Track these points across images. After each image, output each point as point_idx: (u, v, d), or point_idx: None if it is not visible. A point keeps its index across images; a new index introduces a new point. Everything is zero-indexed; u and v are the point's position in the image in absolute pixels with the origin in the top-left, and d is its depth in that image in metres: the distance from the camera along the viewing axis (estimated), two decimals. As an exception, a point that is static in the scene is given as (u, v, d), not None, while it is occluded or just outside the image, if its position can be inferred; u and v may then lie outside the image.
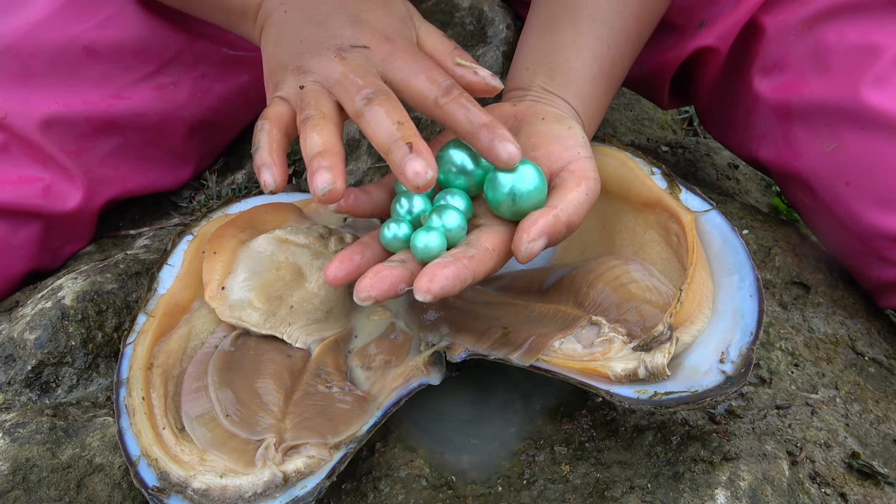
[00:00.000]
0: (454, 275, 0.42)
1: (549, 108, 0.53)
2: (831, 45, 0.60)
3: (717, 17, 0.65)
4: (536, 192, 0.46)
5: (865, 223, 0.59)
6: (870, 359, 0.61)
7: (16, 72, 0.64)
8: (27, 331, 0.55)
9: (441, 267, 0.42)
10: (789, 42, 0.62)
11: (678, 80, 0.71)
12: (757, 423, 0.50)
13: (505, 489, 0.47)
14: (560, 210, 0.45)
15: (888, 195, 0.58)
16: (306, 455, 0.45)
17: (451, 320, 0.50)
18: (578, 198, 0.46)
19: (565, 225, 0.46)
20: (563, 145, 0.49)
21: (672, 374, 0.44)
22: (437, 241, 0.45)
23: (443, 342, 0.49)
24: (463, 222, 0.46)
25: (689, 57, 0.67)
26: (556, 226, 0.45)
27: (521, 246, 0.44)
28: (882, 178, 0.58)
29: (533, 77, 0.56)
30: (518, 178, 0.45)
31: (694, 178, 0.84)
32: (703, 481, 0.44)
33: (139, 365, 0.50)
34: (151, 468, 0.45)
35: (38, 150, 0.65)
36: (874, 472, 0.49)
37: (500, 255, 0.46)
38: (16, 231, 0.65)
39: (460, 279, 0.42)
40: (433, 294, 0.41)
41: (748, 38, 0.65)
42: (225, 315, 0.52)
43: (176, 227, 0.71)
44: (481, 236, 0.46)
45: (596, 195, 0.48)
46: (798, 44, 0.61)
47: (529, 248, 0.44)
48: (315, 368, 0.50)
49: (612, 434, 0.49)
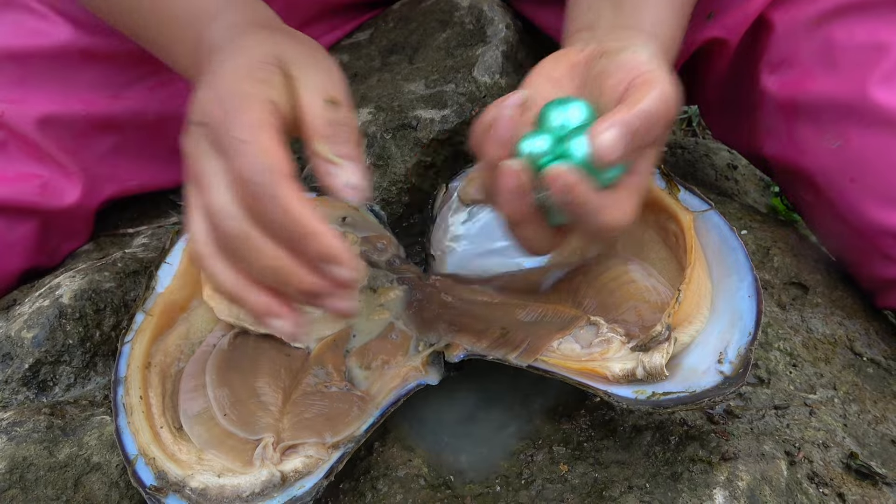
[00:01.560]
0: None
1: (617, 45, 0.48)
2: (840, 43, 0.60)
3: (725, 9, 0.65)
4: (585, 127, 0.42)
5: (869, 220, 0.59)
6: (868, 359, 0.61)
7: (13, 73, 0.64)
8: (25, 329, 0.55)
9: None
10: (798, 39, 0.62)
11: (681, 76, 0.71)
12: (755, 423, 0.50)
13: (503, 489, 0.47)
14: (628, 106, 0.41)
15: (893, 192, 0.58)
16: (304, 455, 0.45)
17: (449, 320, 0.50)
18: (647, 101, 0.41)
19: (638, 118, 0.41)
20: (626, 68, 0.45)
21: (670, 374, 0.44)
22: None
23: (441, 342, 0.49)
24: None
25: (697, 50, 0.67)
26: (630, 118, 0.41)
27: (594, 138, 0.40)
28: (887, 176, 0.58)
29: (598, 15, 0.51)
30: (565, 115, 0.43)
31: (693, 179, 0.84)
32: (701, 481, 0.44)
33: (137, 363, 0.50)
34: (149, 467, 0.45)
35: (36, 148, 0.65)
36: (872, 472, 0.49)
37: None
38: (13, 228, 0.65)
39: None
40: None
41: (757, 33, 0.65)
42: (223, 314, 0.52)
43: (174, 225, 0.71)
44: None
45: (671, 100, 0.43)
46: (807, 41, 0.61)
47: (600, 141, 0.40)
48: (313, 368, 0.50)
49: (610, 434, 0.49)
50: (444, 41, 0.72)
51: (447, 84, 0.67)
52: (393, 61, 0.72)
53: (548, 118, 0.45)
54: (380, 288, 0.55)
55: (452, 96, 0.67)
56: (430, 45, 0.72)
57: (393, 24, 0.76)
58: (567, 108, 0.45)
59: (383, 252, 0.57)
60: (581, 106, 0.45)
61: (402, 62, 0.72)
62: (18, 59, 0.64)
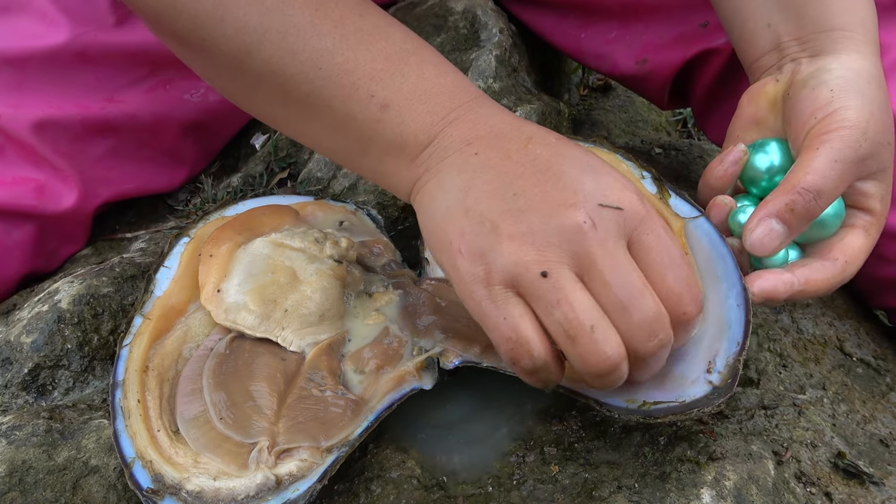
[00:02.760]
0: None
1: (805, 73, 0.45)
2: None
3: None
4: (769, 176, 0.46)
5: None
6: (858, 359, 0.61)
7: (9, 78, 0.64)
8: (24, 334, 0.56)
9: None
10: None
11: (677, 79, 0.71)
12: (744, 423, 0.50)
13: (495, 489, 0.47)
14: (789, 183, 0.41)
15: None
16: (299, 458, 0.46)
17: (444, 326, 0.51)
18: (810, 174, 0.41)
19: (802, 195, 0.41)
20: (807, 111, 0.43)
21: (660, 381, 0.44)
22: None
23: (436, 348, 0.50)
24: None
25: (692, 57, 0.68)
26: (787, 201, 0.41)
27: (745, 236, 0.42)
28: None
29: (777, 32, 0.46)
30: (769, 158, 0.46)
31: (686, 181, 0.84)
32: (689, 481, 0.44)
33: (135, 367, 0.50)
34: (146, 470, 0.46)
35: (32, 152, 0.65)
36: (859, 471, 0.49)
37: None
38: (10, 232, 0.65)
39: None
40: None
41: None
42: (220, 318, 0.53)
43: (172, 229, 0.71)
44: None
45: (854, 143, 0.41)
46: None
47: (751, 238, 0.42)
48: (309, 372, 0.51)
49: (601, 435, 0.49)
50: (438, 45, 0.72)
51: (441, 88, 0.68)
52: (388, 65, 0.73)
53: (753, 165, 0.48)
54: (375, 292, 0.55)
55: (446, 101, 0.67)
56: (424, 49, 0.72)
57: (388, 28, 0.76)
58: (768, 151, 0.47)
59: (379, 256, 0.58)
60: (776, 147, 0.47)
61: (397, 66, 0.72)
62: (14, 63, 0.65)
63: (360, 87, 0.40)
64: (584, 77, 1.11)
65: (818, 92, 0.44)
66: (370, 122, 0.40)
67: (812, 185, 0.42)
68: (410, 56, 0.41)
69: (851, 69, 0.44)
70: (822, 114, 0.43)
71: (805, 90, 0.45)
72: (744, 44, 0.51)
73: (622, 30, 0.71)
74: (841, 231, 0.47)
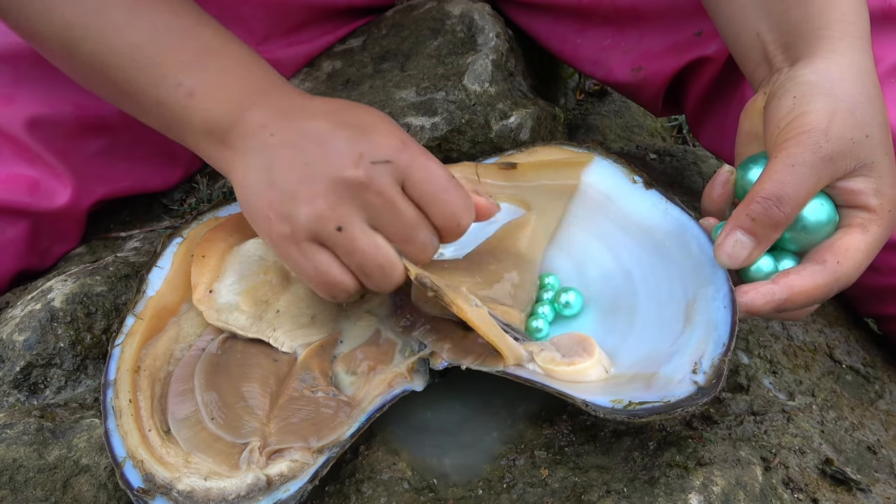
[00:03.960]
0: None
1: (777, 85, 0.45)
2: None
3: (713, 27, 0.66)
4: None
5: None
6: (847, 367, 0.62)
7: (3, 75, 0.64)
8: (16, 332, 0.56)
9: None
10: None
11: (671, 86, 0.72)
12: (733, 429, 0.50)
13: (485, 492, 0.47)
14: (749, 195, 0.42)
15: None
16: (290, 459, 0.46)
17: (435, 328, 0.51)
18: (775, 167, 0.41)
19: (761, 203, 0.42)
20: (770, 125, 0.44)
21: (647, 382, 0.45)
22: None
23: (426, 349, 0.50)
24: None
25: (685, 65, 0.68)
26: (748, 211, 0.42)
27: (715, 252, 0.44)
28: None
29: (765, 41, 0.47)
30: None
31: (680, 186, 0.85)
32: (677, 486, 0.45)
33: (127, 367, 0.51)
34: (137, 469, 0.46)
35: (25, 149, 0.65)
36: (847, 478, 0.50)
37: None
38: (3, 229, 0.65)
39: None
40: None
41: None
42: (212, 318, 0.53)
43: (166, 229, 0.71)
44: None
45: (813, 145, 0.41)
46: None
47: (721, 252, 0.44)
48: (300, 373, 0.51)
49: (591, 439, 0.50)
50: (435, 49, 0.73)
51: (438, 92, 0.68)
52: (385, 68, 0.73)
53: (747, 179, 0.47)
54: (367, 294, 0.56)
55: (442, 104, 0.67)
56: (421, 52, 0.73)
57: (386, 31, 0.76)
58: (761, 165, 0.46)
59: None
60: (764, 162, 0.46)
61: (394, 69, 0.73)
62: (8, 60, 0.65)
63: (168, 77, 0.48)
64: (581, 82, 1.11)
65: (783, 102, 0.44)
66: (180, 108, 0.48)
67: (770, 192, 0.43)
68: (216, 52, 0.49)
69: (818, 71, 0.44)
70: (784, 123, 0.44)
71: (773, 101, 0.46)
72: (740, 57, 0.52)
73: (618, 37, 0.71)
74: (836, 233, 0.47)
